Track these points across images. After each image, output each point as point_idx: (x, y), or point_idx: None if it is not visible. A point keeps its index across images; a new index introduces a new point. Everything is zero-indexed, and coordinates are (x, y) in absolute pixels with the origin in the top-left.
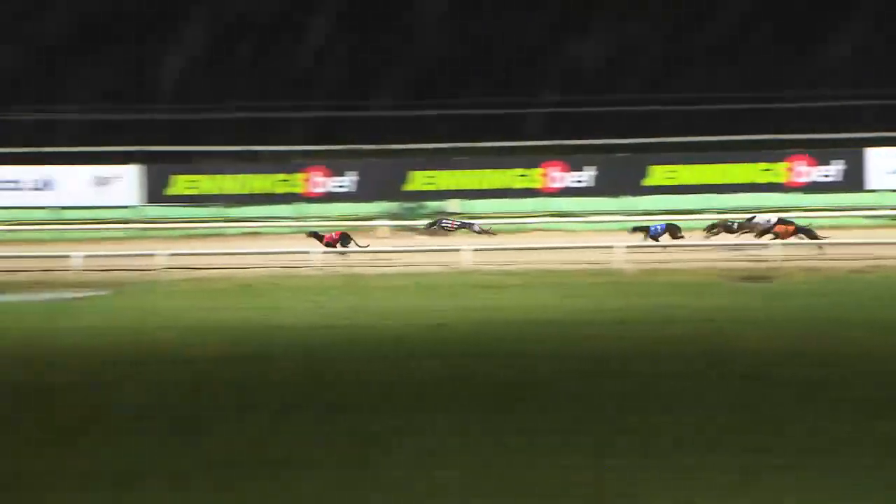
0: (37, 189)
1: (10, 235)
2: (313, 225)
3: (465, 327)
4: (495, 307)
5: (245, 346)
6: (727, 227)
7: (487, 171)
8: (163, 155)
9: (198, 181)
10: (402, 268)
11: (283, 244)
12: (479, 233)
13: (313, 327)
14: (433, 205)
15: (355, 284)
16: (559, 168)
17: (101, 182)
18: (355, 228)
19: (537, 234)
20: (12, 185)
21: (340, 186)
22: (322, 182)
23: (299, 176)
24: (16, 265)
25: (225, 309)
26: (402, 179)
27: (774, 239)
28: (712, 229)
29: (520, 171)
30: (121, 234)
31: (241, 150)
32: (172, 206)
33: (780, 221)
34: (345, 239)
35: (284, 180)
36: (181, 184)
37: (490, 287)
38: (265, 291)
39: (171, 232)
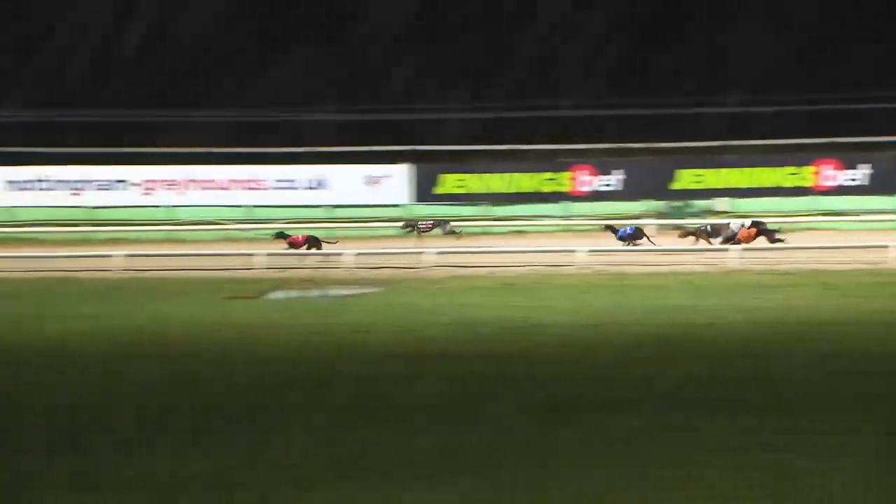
0: (311, 188)
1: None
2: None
3: (733, 327)
4: (765, 307)
5: (507, 344)
6: (705, 232)
7: (757, 169)
8: (432, 154)
9: (465, 180)
10: (666, 267)
11: (548, 242)
12: (447, 233)
13: (575, 326)
14: (701, 203)
15: (619, 283)
16: (832, 166)
17: (372, 181)
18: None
19: (808, 234)
20: (287, 185)
21: (607, 185)
22: (588, 181)
23: (566, 174)
24: (289, 263)
25: (489, 307)
26: (670, 178)
27: (737, 243)
28: (687, 235)
29: (791, 168)
30: (391, 231)
31: (508, 149)
32: (441, 204)
33: (753, 225)
34: (312, 242)
35: (551, 179)
36: (449, 182)
37: (759, 287)
38: (528, 289)
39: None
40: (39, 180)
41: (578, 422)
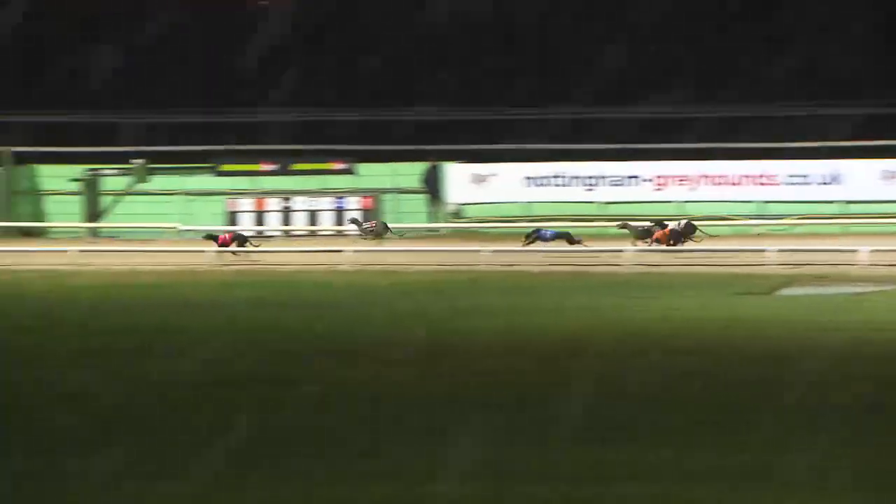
0: (824, 183)
1: (798, 230)
2: None
3: None
4: None
5: None
6: (640, 231)
7: None
8: None
9: None
10: None
11: None
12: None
13: None
14: None
15: None
16: None
17: (892, 176)
18: None
19: None
20: (800, 180)
21: None
22: None
23: None
24: (804, 258)
25: None
26: None
27: (652, 243)
28: (623, 228)
29: None
30: None
31: None
32: None
33: (688, 226)
34: (240, 239)
35: None
36: None
37: None
38: None
39: None
40: (555, 176)
41: None
